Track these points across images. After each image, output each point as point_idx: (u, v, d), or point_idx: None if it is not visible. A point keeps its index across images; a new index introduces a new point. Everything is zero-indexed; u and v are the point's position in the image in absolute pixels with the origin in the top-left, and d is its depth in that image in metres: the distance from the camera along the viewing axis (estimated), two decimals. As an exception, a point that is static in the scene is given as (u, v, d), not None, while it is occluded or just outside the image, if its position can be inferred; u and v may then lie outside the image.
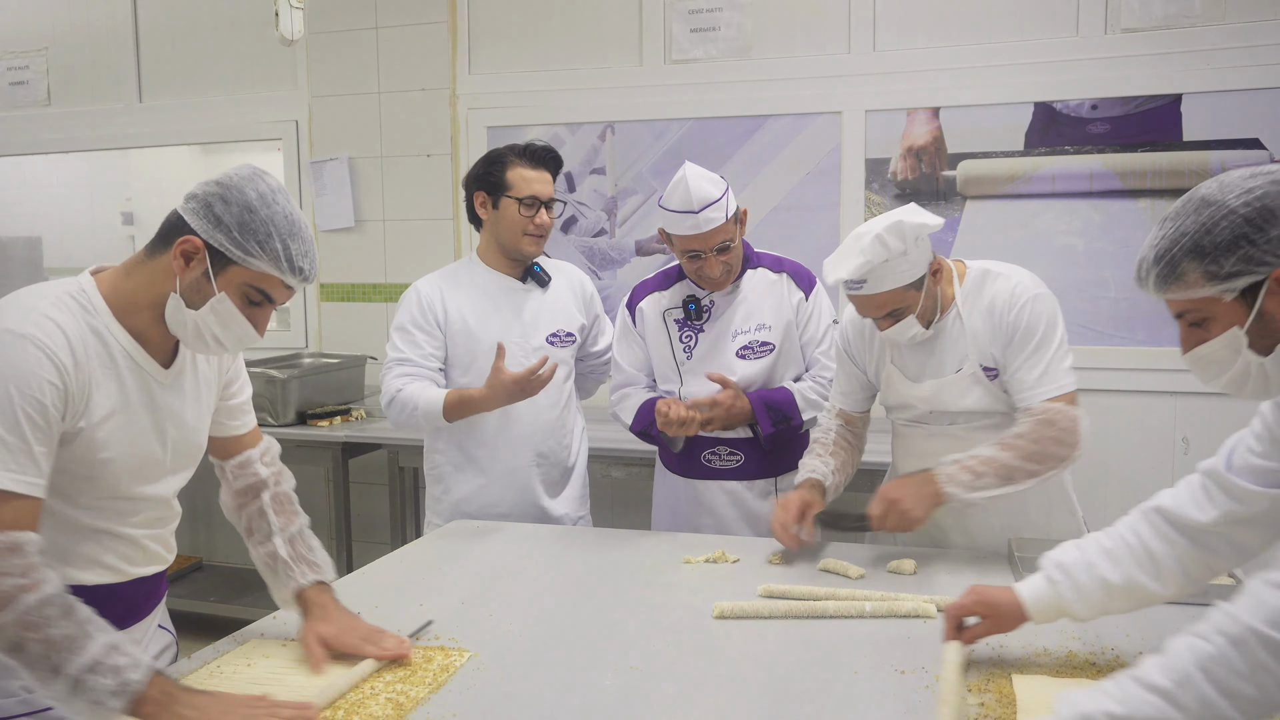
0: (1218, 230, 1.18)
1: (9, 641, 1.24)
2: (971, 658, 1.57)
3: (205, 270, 1.41)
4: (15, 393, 1.30)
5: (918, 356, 2.15)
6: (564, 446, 2.61)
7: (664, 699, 1.46)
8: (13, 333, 1.32)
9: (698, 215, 2.29)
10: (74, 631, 1.25)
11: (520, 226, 2.47)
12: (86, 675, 1.23)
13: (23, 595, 1.24)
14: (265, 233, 1.41)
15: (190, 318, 1.43)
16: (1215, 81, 3.20)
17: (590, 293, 2.71)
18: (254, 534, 1.72)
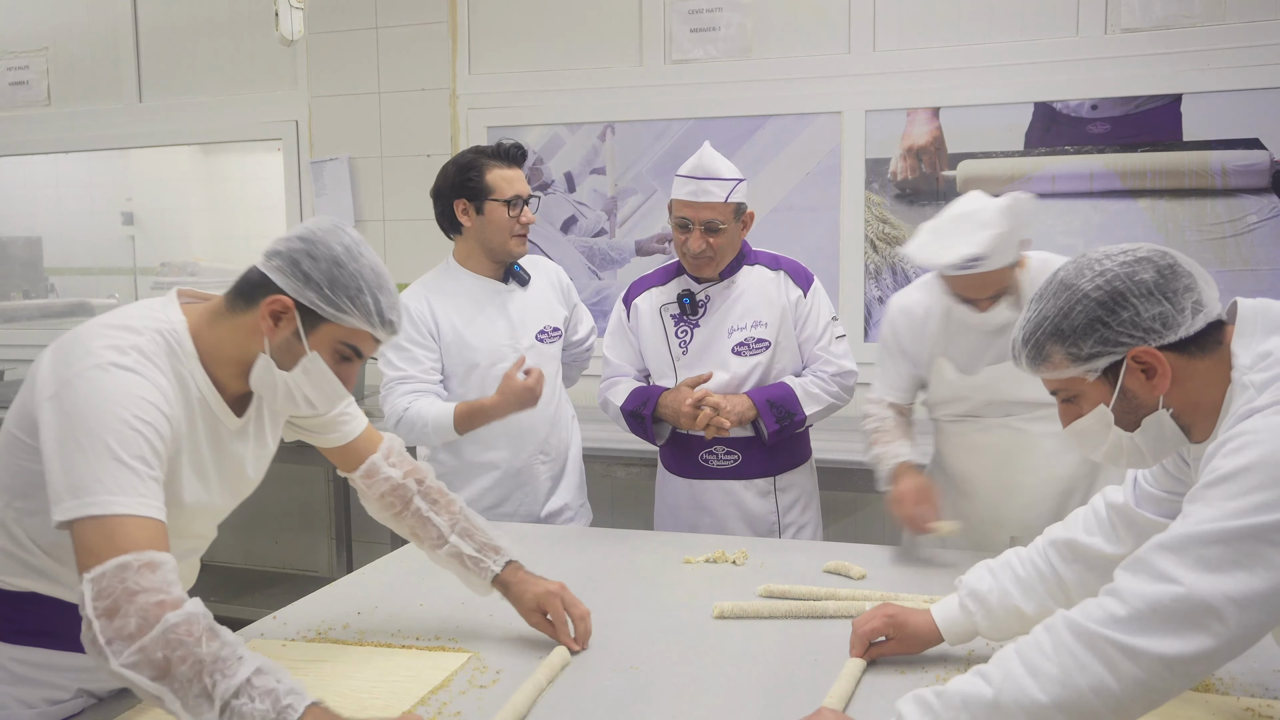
0: (1074, 314, 1.24)
1: (156, 665, 1.14)
2: (972, 659, 1.57)
3: (296, 329, 1.38)
4: (132, 424, 1.26)
5: (976, 347, 2.12)
6: (562, 440, 2.63)
7: (664, 699, 1.46)
8: (119, 366, 1.29)
9: (698, 182, 2.34)
10: (224, 653, 1.16)
11: (508, 228, 2.47)
12: (241, 700, 1.14)
13: (164, 612, 1.15)
14: (355, 287, 1.38)
15: (280, 379, 1.40)
16: (1215, 81, 3.20)
17: (566, 283, 2.74)
18: (424, 539, 1.72)
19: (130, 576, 1.16)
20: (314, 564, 4.39)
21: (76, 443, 1.23)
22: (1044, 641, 1.13)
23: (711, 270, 2.45)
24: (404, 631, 1.73)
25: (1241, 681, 1.47)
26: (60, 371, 1.29)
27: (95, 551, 1.18)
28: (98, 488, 1.20)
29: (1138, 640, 1.07)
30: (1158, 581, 1.08)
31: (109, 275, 6.25)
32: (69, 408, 1.25)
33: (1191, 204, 3.25)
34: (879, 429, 2.24)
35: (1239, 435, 1.12)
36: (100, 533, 1.19)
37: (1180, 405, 1.25)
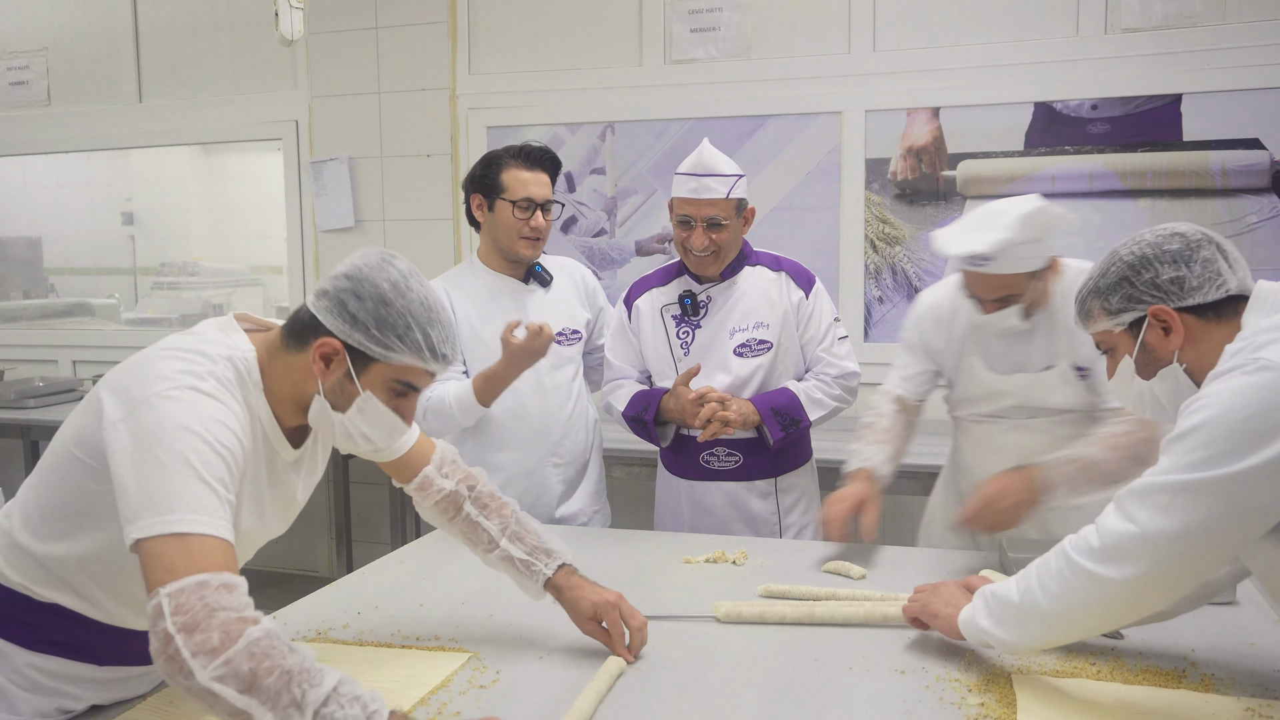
0: (1109, 274, 1.47)
1: (243, 678, 1.12)
2: (972, 658, 1.57)
3: (347, 370, 1.37)
4: (214, 447, 1.26)
5: (1007, 349, 2.12)
6: (578, 442, 2.60)
7: (664, 699, 1.46)
8: (198, 391, 1.29)
9: (699, 179, 2.35)
10: (307, 665, 1.15)
11: (515, 229, 2.46)
12: (332, 709, 1.13)
13: (247, 628, 1.14)
14: (404, 325, 1.36)
15: (337, 420, 1.40)
16: (1215, 81, 3.20)
17: (593, 286, 2.71)
18: (476, 544, 1.71)
19: (209, 595, 1.15)
20: (314, 564, 4.39)
21: (157, 460, 1.21)
22: (1050, 562, 1.38)
23: (714, 268, 2.45)
24: (404, 631, 1.73)
25: (1241, 682, 1.47)
26: (134, 394, 1.27)
27: (172, 568, 1.16)
28: (181, 505, 1.19)
29: (1102, 568, 1.31)
30: (1123, 521, 1.30)
31: (109, 275, 6.26)
32: (147, 427, 1.24)
33: (1191, 204, 3.25)
34: (872, 426, 2.24)
35: (1200, 397, 1.28)
36: (180, 549, 1.17)
37: (1193, 362, 1.41)
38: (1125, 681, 1.47)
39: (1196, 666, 1.53)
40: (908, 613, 1.65)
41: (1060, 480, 1.89)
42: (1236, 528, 1.23)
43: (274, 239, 5.37)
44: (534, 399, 2.52)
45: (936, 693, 1.45)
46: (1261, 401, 1.20)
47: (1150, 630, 1.65)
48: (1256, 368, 1.23)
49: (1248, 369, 1.24)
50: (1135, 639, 1.63)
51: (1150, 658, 1.56)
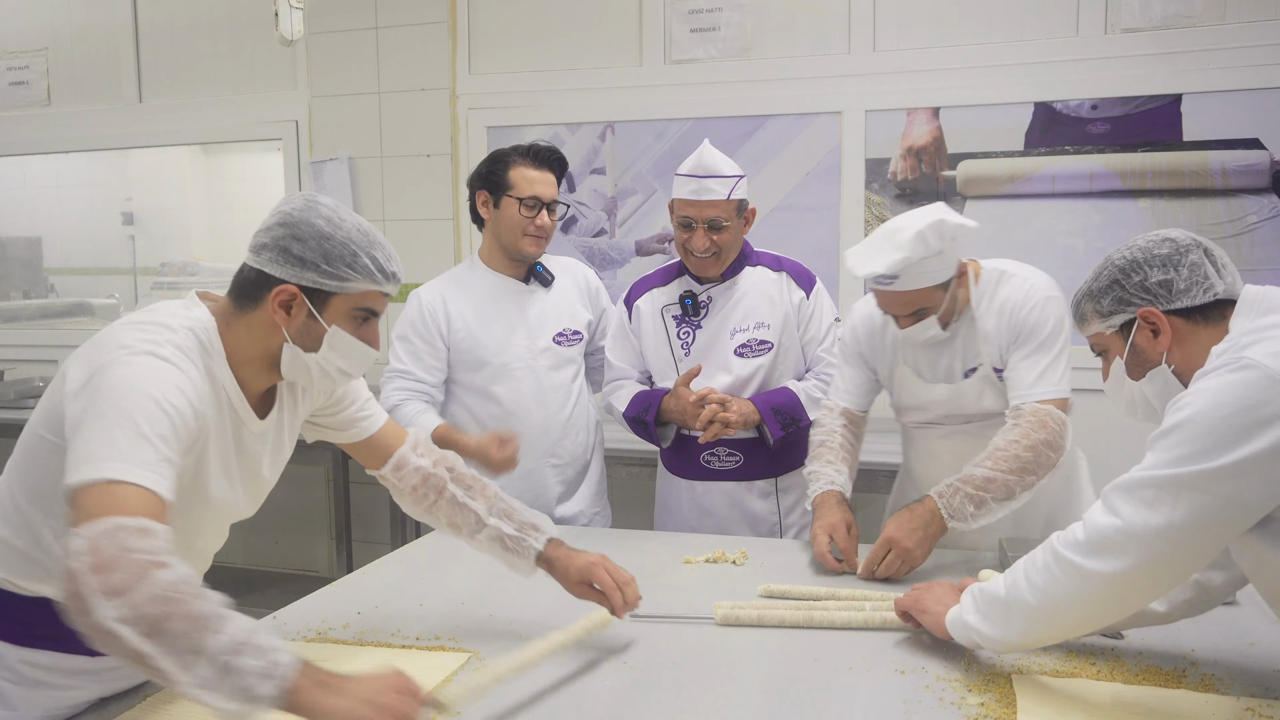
0: (1101, 277, 1.52)
1: (148, 622, 1.07)
2: (972, 658, 1.57)
3: (308, 311, 1.41)
4: (161, 405, 1.25)
5: (932, 357, 2.14)
6: (578, 443, 2.60)
7: (664, 699, 1.46)
8: (155, 356, 1.30)
9: (700, 180, 2.34)
10: (212, 610, 1.11)
11: (520, 227, 2.47)
12: (232, 656, 1.08)
13: (155, 570, 1.10)
14: (350, 254, 1.40)
15: (310, 361, 1.44)
16: (1215, 81, 3.20)
17: (595, 286, 2.71)
18: (462, 526, 1.73)
19: (124, 537, 1.11)
20: (314, 564, 4.39)
21: (102, 415, 1.21)
22: (1037, 556, 1.41)
23: (716, 269, 2.45)
24: (404, 631, 1.73)
25: (1242, 681, 1.47)
26: (91, 363, 1.29)
27: (92, 512, 1.13)
28: (114, 455, 1.18)
29: (1088, 561, 1.33)
30: (1109, 515, 1.32)
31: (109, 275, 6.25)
32: (99, 389, 1.24)
33: (1191, 204, 3.25)
34: (823, 444, 2.24)
35: (1185, 395, 1.31)
36: (107, 496, 1.15)
37: (1181, 364, 1.45)
38: (1125, 681, 1.47)
39: (1196, 666, 1.53)
40: (899, 606, 1.67)
41: (959, 511, 1.92)
42: (1219, 522, 1.25)
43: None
44: (533, 399, 2.52)
45: (936, 693, 1.45)
46: (1243, 399, 1.23)
47: (1150, 630, 1.65)
48: (1239, 366, 1.26)
49: (1231, 367, 1.27)
50: (1135, 639, 1.63)
51: (1150, 658, 1.56)
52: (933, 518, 1.93)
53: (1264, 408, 1.21)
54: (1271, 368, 1.23)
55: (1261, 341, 1.27)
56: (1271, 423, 1.21)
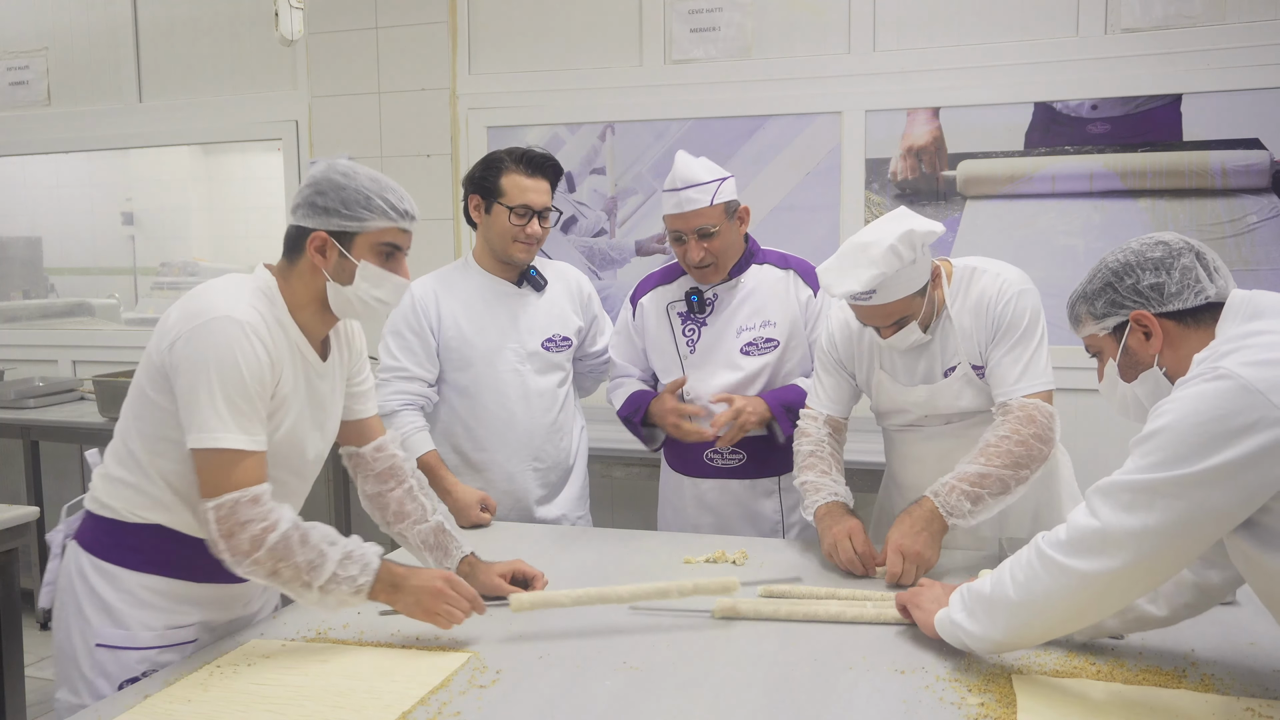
0: (1095, 280, 1.54)
1: (267, 571, 1.56)
2: (972, 658, 1.57)
3: (339, 251, 1.67)
4: (242, 366, 1.57)
5: (909, 361, 2.14)
6: (561, 448, 2.60)
7: (664, 699, 1.46)
8: (230, 318, 1.58)
9: (679, 193, 2.34)
10: (313, 556, 1.57)
11: (510, 234, 2.46)
12: (330, 585, 1.58)
13: (268, 535, 1.55)
14: (364, 197, 1.66)
15: (350, 293, 1.69)
16: (1215, 81, 3.20)
17: (588, 293, 2.70)
18: (407, 516, 1.94)
19: (241, 510, 1.55)
20: (314, 564, 4.38)
21: (204, 381, 1.55)
22: (1023, 554, 1.46)
23: (716, 276, 2.45)
24: (404, 631, 1.73)
25: (1242, 681, 1.47)
26: (185, 322, 1.59)
27: (213, 483, 1.56)
28: (218, 423, 1.55)
29: (1069, 560, 1.37)
30: (1089, 516, 1.37)
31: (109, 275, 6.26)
32: (194, 353, 1.56)
33: (1191, 204, 3.25)
34: (813, 454, 2.20)
35: (1165, 403, 1.34)
36: (217, 464, 1.56)
37: (1172, 366, 1.47)
38: (1125, 681, 1.47)
39: (1196, 666, 1.53)
40: (899, 600, 1.71)
41: (956, 509, 1.93)
42: (1193, 526, 1.29)
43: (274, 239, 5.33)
44: (518, 403, 2.52)
45: (936, 693, 1.45)
46: (1216, 409, 1.26)
47: (1150, 630, 1.65)
48: (1214, 375, 1.29)
49: (1206, 377, 1.30)
50: (1135, 639, 1.63)
51: (1150, 658, 1.56)
52: (932, 517, 1.93)
53: (1236, 418, 1.25)
54: (1245, 377, 1.26)
55: (1239, 350, 1.30)
56: (1243, 433, 1.24)
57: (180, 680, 1.53)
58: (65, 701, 1.70)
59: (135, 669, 1.66)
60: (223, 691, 1.49)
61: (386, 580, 1.64)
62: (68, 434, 4.03)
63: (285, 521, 1.57)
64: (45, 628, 4.11)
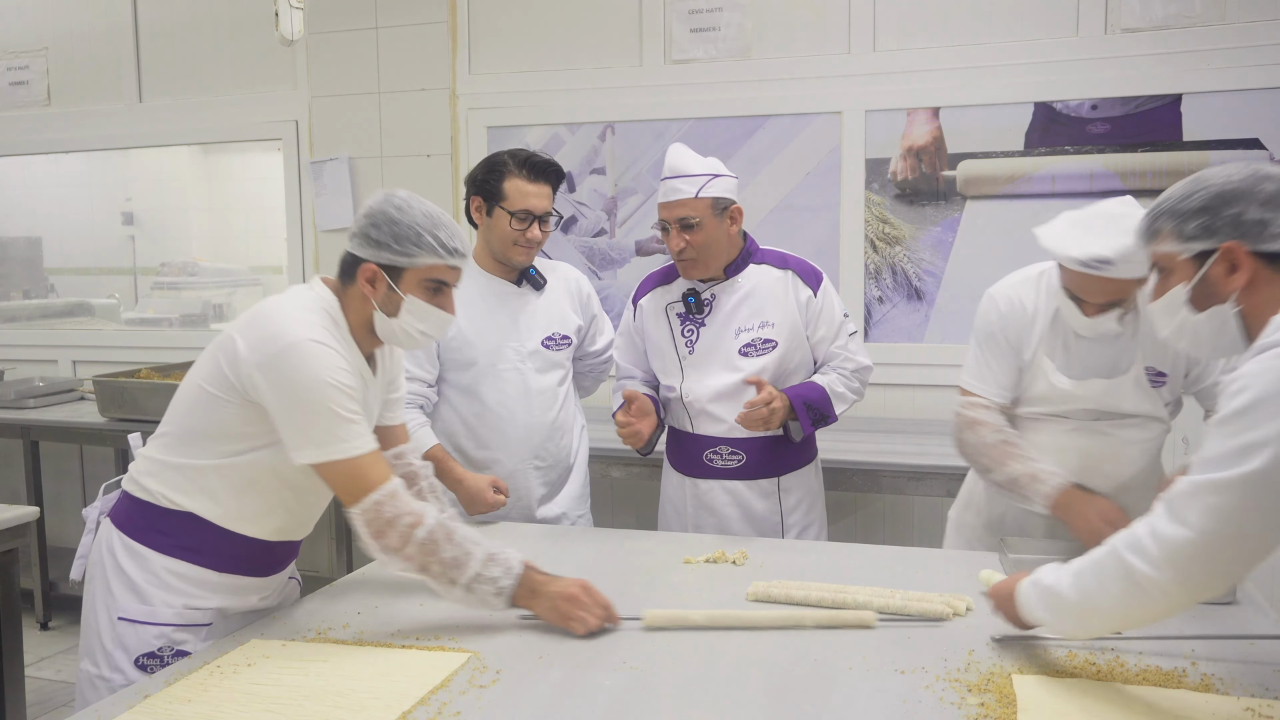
0: (1193, 198, 1.41)
1: (418, 566, 1.66)
2: (972, 658, 1.57)
3: (388, 284, 1.73)
4: (341, 378, 1.65)
5: (1084, 352, 2.07)
6: (562, 447, 2.60)
7: (664, 699, 1.46)
8: (312, 340, 1.66)
9: (668, 182, 2.37)
10: (459, 554, 1.67)
11: (511, 239, 2.46)
12: (474, 584, 1.67)
13: (415, 530, 1.65)
14: (415, 234, 1.71)
15: (395, 324, 1.76)
16: (1215, 81, 3.20)
17: (587, 293, 2.70)
18: None
19: (385, 508, 1.65)
20: (314, 564, 4.38)
21: (309, 400, 1.63)
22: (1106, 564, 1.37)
23: (699, 272, 2.43)
24: (404, 631, 1.73)
25: (1242, 681, 1.47)
26: (265, 345, 1.65)
27: (351, 490, 1.66)
28: (332, 436, 1.64)
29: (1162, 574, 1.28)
30: (1176, 525, 1.27)
31: (109, 275, 6.26)
32: (288, 376, 1.63)
33: (1191, 204, 3.25)
34: (1007, 443, 2.07)
35: (1242, 376, 1.23)
36: (347, 473, 1.66)
37: (1248, 309, 1.38)
38: (1125, 681, 1.47)
39: (1196, 666, 1.53)
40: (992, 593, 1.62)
41: None
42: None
43: (274, 239, 5.37)
44: (519, 402, 2.52)
45: (936, 693, 1.45)
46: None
47: (1150, 630, 1.65)
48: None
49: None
50: (1135, 639, 1.63)
51: (1150, 658, 1.56)
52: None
53: None
54: None
55: None
56: None
57: (180, 680, 1.53)
58: (86, 672, 1.77)
59: (152, 644, 1.73)
60: (223, 691, 1.49)
61: (527, 585, 1.70)
62: (68, 434, 4.03)
63: (430, 516, 1.67)
64: (45, 628, 4.11)
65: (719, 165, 2.42)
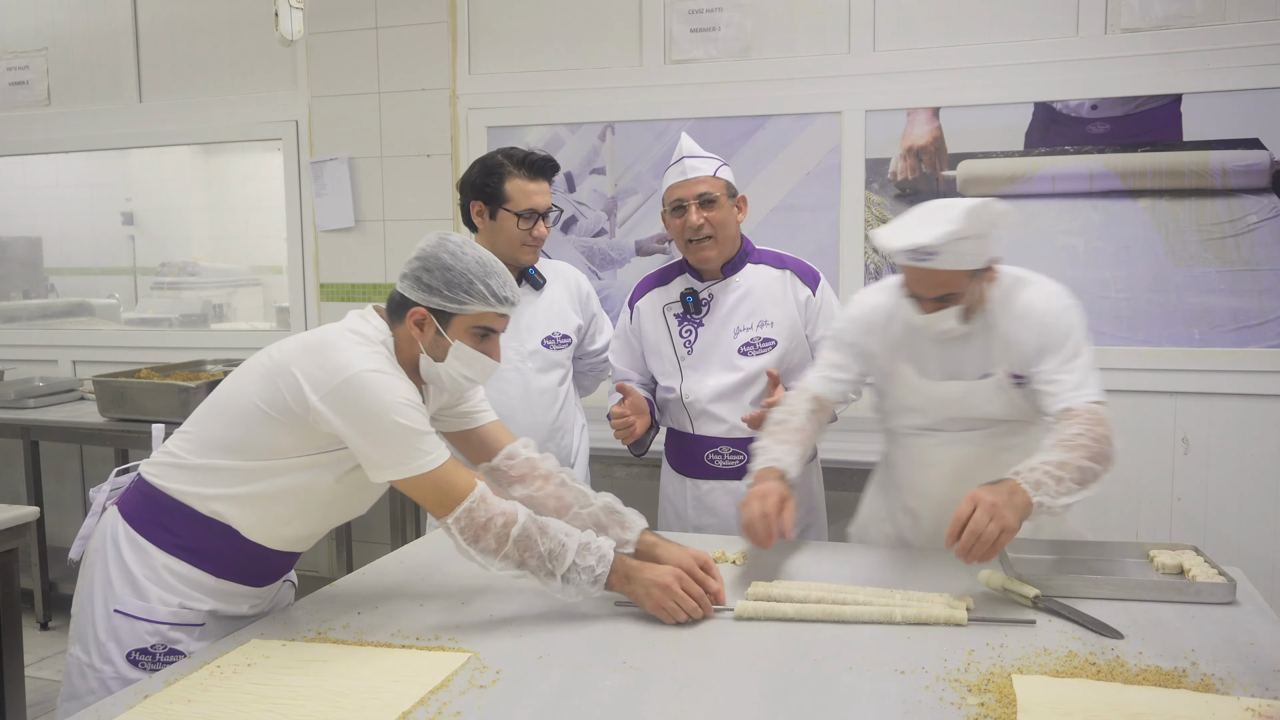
0: None
1: (516, 563, 1.72)
2: (972, 658, 1.57)
3: (436, 329, 1.75)
4: (407, 397, 1.69)
5: (941, 356, 2.09)
6: (563, 446, 2.61)
7: (664, 699, 1.46)
8: (380, 371, 1.69)
9: (683, 162, 2.41)
10: (554, 546, 1.72)
11: (519, 240, 2.47)
12: (570, 574, 1.72)
13: (510, 529, 1.70)
14: (467, 281, 1.73)
15: (440, 370, 1.78)
16: (1215, 81, 3.20)
17: (587, 292, 2.71)
18: (568, 507, 1.94)
19: (477, 513, 1.71)
20: (314, 564, 4.38)
21: (383, 424, 1.66)
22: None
23: (714, 253, 2.42)
24: (404, 631, 1.73)
25: (1241, 681, 1.47)
26: (329, 377, 1.67)
27: (441, 501, 1.71)
28: (413, 454, 1.68)
29: None
30: None
31: (109, 275, 6.26)
32: (357, 406, 1.66)
33: (1191, 204, 3.25)
34: (784, 424, 2.12)
35: None
36: (434, 485, 1.70)
37: None
38: (1125, 681, 1.47)
39: (1196, 666, 1.53)
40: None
41: (1042, 485, 1.76)
42: None
43: (274, 239, 5.37)
44: (519, 402, 2.52)
45: (936, 693, 1.45)
46: None
47: (1150, 630, 1.65)
48: None
49: None
50: (1135, 639, 1.63)
51: (1150, 658, 1.56)
52: (1014, 489, 1.74)
53: None
54: None
55: None
56: None
57: (180, 680, 1.53)
58: (76, 657, 1.77)
59: (145, 640, 1.73)
60: (223, 691, 1.49)
61: (620, 571, 1.75)
62: (68, 434, 4.03)
63: (522, 513, 1.72)
64: (45, 628, 4.11)
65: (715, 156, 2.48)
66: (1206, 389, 3.25)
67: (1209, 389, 3.24)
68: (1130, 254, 3.30)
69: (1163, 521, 3.29)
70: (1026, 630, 1.68)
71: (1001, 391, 2.06)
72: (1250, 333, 3.21)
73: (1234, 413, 3.24)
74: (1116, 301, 3.32)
